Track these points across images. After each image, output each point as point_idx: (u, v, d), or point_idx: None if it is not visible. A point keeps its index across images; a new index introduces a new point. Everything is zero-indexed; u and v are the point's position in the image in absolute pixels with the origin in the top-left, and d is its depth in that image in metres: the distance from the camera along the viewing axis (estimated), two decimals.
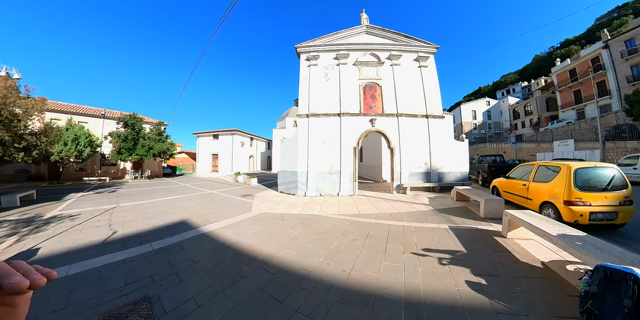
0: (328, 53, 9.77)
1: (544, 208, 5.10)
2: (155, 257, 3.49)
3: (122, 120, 17.51)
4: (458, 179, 9.68)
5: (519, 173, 6.36)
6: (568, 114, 26.31)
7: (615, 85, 21.18)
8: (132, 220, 5.59)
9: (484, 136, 36.44)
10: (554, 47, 54.93)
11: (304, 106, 9.30)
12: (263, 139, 32.89)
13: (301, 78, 9.57)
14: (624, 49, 20.45)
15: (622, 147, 13.78)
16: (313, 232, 4.49)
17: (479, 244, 3.88)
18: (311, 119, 9.15)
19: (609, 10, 48.77)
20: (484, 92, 62.01)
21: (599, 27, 40.09)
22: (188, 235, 4.38)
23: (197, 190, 10.85)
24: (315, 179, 8.83)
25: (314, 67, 9.60)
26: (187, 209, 6.65)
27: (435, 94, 10.03)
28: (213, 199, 8.44)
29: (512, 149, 21.03)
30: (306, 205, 7.05)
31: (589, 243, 2.79)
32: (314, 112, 9.19)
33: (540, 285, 2.67)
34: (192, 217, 5.75)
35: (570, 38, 51.23)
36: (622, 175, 4.57)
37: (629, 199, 4.39)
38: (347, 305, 2.27)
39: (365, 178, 14.38)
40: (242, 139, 26.93)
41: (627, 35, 20.46)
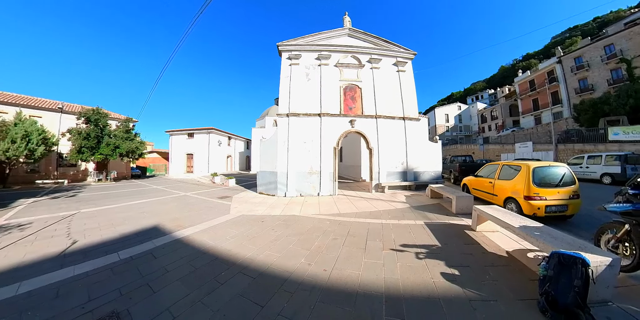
0: (310, 53, 9.75)
1: (507, 203, 5.57)
2: (124, 267, 3.19)
3: (83, 116, 15.60)
4: (432, 178, 10.23)
5: (486, 172, 6.87)
6: (527, 120, 29.44)
7: (566, 95, 24.50)
8: (96, 227, 5.07)
9: (455, 138, 39.08)
10: (517, 59, 60.80)
11: (285, 105, 9.20)
12: (241, 138, 31.64)
13: (282, 77, 9.44)
14: (574, 65, 23.96)
15: (571, 149, 15.51)
16: (294, 233, 4.44)
17: (452, 237, 4.13)
18: (291, 118, 9.06)
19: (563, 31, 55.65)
20: (456, 97, 66.84)
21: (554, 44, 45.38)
22: (160, 242, 4.07)
23: (170, 193, 10.21)
24: (296, 179, 8.76)
25: (296, 66, 9.54)
26: (159, 214, 6.21)
27: (411, 97, 10.54)
28: (188, 201, 7.98)
29: (480, 150, 23.08)
30: (286, 206, 6.97)
31: (545, 233, 3.11)
32: (294, 112, 9.12)
33: (506, 273, 2.93)
34: (165, 222, 5.37)
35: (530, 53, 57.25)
36: (571, 173, 5.17)
37: (577, 194, 4.99)
38: (329, 304, 2.28)
39: (345, 178, 14.60)
40: (219, 138, 25.55)
41: (576, 53, 24.02)
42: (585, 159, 11.99)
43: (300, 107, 9.22)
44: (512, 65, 58.49)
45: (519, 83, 31.73)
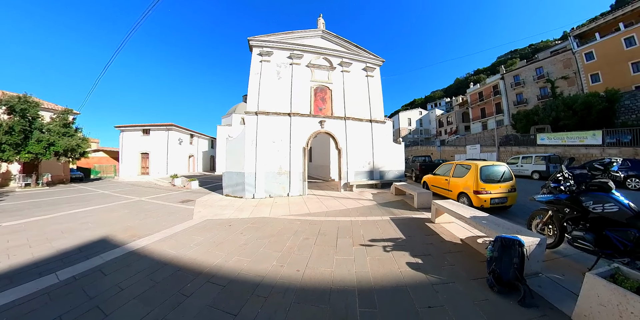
0: (282, 51, 9.56)
1: (460, 197, 6.25)
2: (65, 290, 2.66)
3: (5, 104, 12.22)
4: (396, 176, 10.91)
5: (442, 170, 7.59)
6: (476, 125, 33.97)
7: (507, 106, 29.08)
8: (24, 244, 4.15)
9: (416, 140, 42.76)
10: (469, 73, 69.45)
11: (253, 103, 8.86)
12: (205, 136, 29.02)
13: (252, 73, 9.07)
14: (513, 82, 28.39)
15: (509, 151, 18.21)
16: (264, 235, 4.32)
17: (415, 230, 4.47)
18: (260, 117, 8.79)
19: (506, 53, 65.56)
20: (417, 103, 73.25)
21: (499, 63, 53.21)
22: (110, 256, 3.54)
23: (120, 198, 8.97)
24: (264, 179, 8.52)
25: (266, 63, 9.26)
26: (108, 223, 5.43)
27: (378, 101, 11.15)
28: (143, 207, 7.14)
29: (438, 151, 25.54)
30: (255, 207, 6.75)
31: (490, 221, 3.59)
32: (263, 110, 8.85)
33: (461, 257, 3.31)
34: (116, 232, 4.72)
35: (480, 68, 66.48)
36: (509, 171, 6.09)
37: (514, 187, 5.87)
38: (305, 304, 2.28)
39: (314, 178, 14.71)
40: (180, 136, 23.02)
41: (515, 72, 28.66)
42: (520, 159, 14.30)
43: (269, 106, 8.99)
44: (465, 78, 66.95)
45: (470, 94, 36.23)
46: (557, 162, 12.58)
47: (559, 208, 3.31)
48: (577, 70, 22.31)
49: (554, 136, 15.72)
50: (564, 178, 3.32)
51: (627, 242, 2.56)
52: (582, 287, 2.02)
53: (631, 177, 8.88)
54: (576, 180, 3.23)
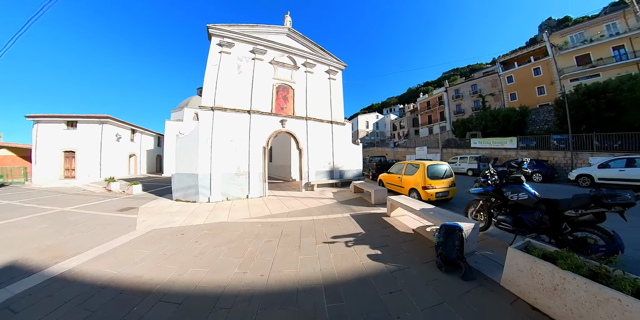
0: (244, 44, 9.02)
1: (411, 192, 6.94)
2: None
3: None
4: (355, 175, 11.44)
5: (395, 169, 8.27)
6: (424, 130, 39.25)
7: (449, 115, 33.99)
8: None
9: (373, 141, 46.21)
10: (420, 84, 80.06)
11: (209, 97, 8.13)
12: (151, 132, 24.59)
13: (209, 64, 8.29)
14: (454, 94, 33.62)
15: (450, 152, 21.18)
16: (222, 242, 4.03)
17: (373, 224, 4.77)
18: (217, 112, 8.12)
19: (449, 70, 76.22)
20: (375, 108, 79.95)
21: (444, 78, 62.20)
22: (23, 287, 2.74)
23: (36, 210, 7.08)
24: (221, 181, 7.94)
25: (227, 55, 8.59)
26: (18, 243, 4.24)
27: (339, 104, 11.52)
28: (68, 220, 5.82)
29: (391, 151, 28.49)
30: (211, 212, 6.26)
31: (436, 212, 4.08)
32: (220, 106, 8.19)
33: (414, 245, 3.69)
34: (30, 254, 3.72)
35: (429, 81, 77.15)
36: (450, 169, 7.06)
37: (454, 183, 6.84)
38: (272, 309, 2.22)
39: (275, 178, 14.40)
40: (118, 131, 18.81)
41: (456, 86, 34.11)
42: (458, 159, 16.93)
43: (227, 101, 8.38)
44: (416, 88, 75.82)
45: (420, 102, 41.26)
46: (485, 162, 15.25)
47: (487, 198, 4.00)
48: (501, 89, 27.98)
49: (483, 141, 19.13)
50: (491, 174, 4.00)
51: (534, 221, 3.28)
52: (506, 258, 2.53)
53: (535, 173, 11.59)
54: (499, 175, 3.91)
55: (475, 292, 2.45)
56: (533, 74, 24.57)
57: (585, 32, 20.89)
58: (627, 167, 8.85)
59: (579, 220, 2.94)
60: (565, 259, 2.05)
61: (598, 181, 9.51)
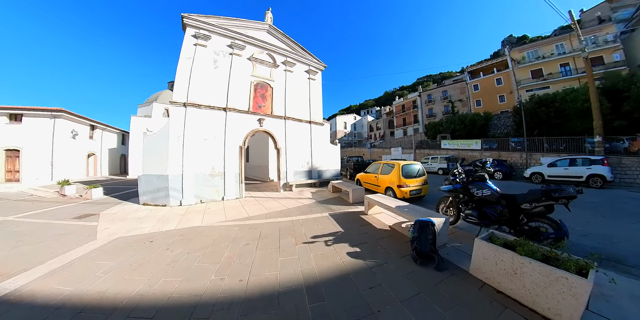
0: (222, 38, 8.56)
1: (387, 191, 7.21)
2: None
3: None
4: (333, 175, 11.58)
5: (372, 169, 8.53)
6: (399, 131, 41.43)
7: (422, 118, 36.17)
8: None
9: (351, 142, 47.47)
10: (396, 88, 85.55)
11: (182, 92, 7.57)
12: (114, 129, 21.88)
13: (182, 57, 7.70)
14: (427, 99, 36.07)
15: (423, 152, 22.53)
16: (197, 247, 3.80)
17: (351, 223, 4.87)
18: (190, 109, 7.60)
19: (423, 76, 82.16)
20: (353, 109, 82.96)
21: (418, 83, 66.23)
22: None
23: None
24: (194, 183, 7.48)
25: (202, 48, 8.07)
26: None
27: (318, 104, 11.54)
28: (11, 231, 4.99)
29: (368, 152, 29.89)
30: (183, 216, 5.89)
31: (411, 208, 4.29)
32: (194, 102, 7.69)
33: (391, 241, 3.84)
34: None
35: (404, 85, 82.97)
36: (423, 168, 7.48)
37: (426, 181, 7.26)
38: (252, 314, 2.16)
39: (252, 179, 14.01)
40: (74, 127, 16.36)
41: (428, 92, 36.74)
42: (430, 159, 18.16)
43: (202, 97, 7.90)
44: (392, 91, 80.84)
45: (395, 105, 43.40)
46: (454, 162, 16.60)
47: (456, 195, 4.34)
48: (468, 96, 30.66)
49: (452, 142, 20.84)
50: (459, 173, 4.34)
51: (496, 214, 3.65)
52: (473, 249, 2.77)
53: (497, 171, 12.94)
54: (466, 174, 4.27)
55: (447, 281, 2.65)
56: (495, 83, 27.66)
57: (539, 49, 24.06)
58: (570, 166, 10.39)
59: (533, 212, 3.34)
60: (522, 246, 2.32)
61: (548, 178, 10.93)
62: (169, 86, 25.95)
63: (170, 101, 7.47)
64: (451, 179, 4.43)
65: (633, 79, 13.14)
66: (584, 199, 6.65)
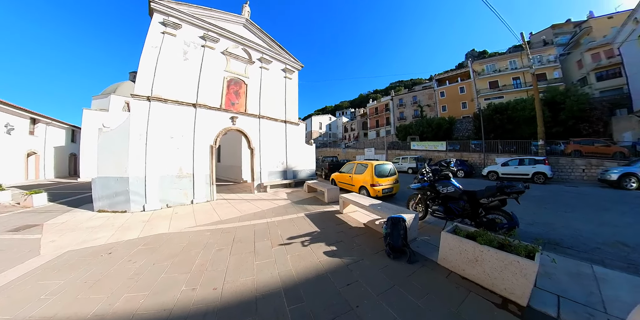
0: (194, 28, 7.95)
1: (361, 190, 7.43)
2: None
3: None
4: (308, 175, 11.59)
5: (346, 169, 8.72)
6: (372, 133, 43.16)
7: (393, 120, 38.42)
8: None
9: (326, 142, 48.19)
10: (370, 91, 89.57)
11: (146, 85, 6.87)
12: (61, 123, 18.51)
13: (148, 45, 6.97)
14: (398, 103, 38.56)
15: (394, 153, 23.85)
16: (163, 257, 3.50)
17: (327, 222, 4.92)
18: (155, 104, 6.94)
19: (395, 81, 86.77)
20: (328, 110, 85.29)
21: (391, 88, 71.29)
22: None
23: None
24: (159, 185, 6.89)
25: (171, 37, 7.40)
26: None
27: (294, 104, 11.42)
28: None
29: (343, 152, 30.75)
30: (147, 223, 5.41)
31: (383, 206, 4.48)
32: (159, 96, 7.03)
33: (365, 238, 3.97)
34: None
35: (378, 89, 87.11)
36: (394, 168, 7.86)
37: (397, 180, 7.62)
38: None
39: (224, 180, 13.40)
40: (8, 120, 13.68)
41: (400, 96, 39.32)
42: (400, 159, 19.36)
43: (169, 91, 7.27)
44: (367, 94, 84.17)
45: (369, 108, 45.24)
46: (422, 162, 17.91)
47: (424, 192, 4.66)
48: (435, 102, 33.67)
49: (420, 144, 22.53)
50: (426, 172, 4.68)
51: (459, 209, 4.00)
52: (440, 241, 3.01)
53: (459, 170, 14.32)
54: (433, 173, 4.62)
55: (419, 272, 2.85)
56: (459, 91, 30.92)
57: (496, 64, 27.61)
58: (519, 165, 12.05)
59: (490, 206, 3.74)
60: (482, 236, 2.62)
61: (501, 175, 12.54)
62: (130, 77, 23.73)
63: (132, 94, 6.74)
64: (420, 177, 4.74)
65: (568, 93, 15.85)
66: (530, 193, 7.56)
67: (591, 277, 2.63)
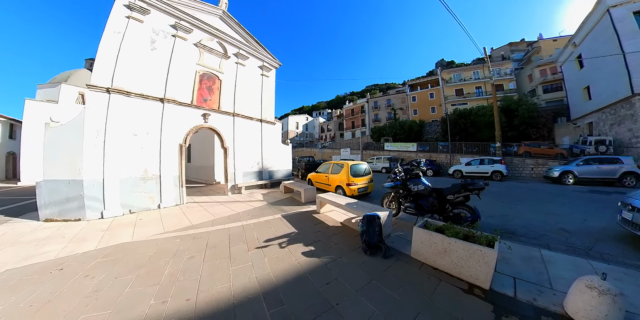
0: (165, 15, 7.27)
1: (337, 189, 7.57)
2: None
3: None
4: (285, 175, 11.45)
5: (323, 168, 8.80)
6: (348, 133, 44.72)
7: (368, 122, 39.78)
8: None
9: (302, 142, 48.33)
10: (346, 93, 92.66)
11: (105, 74, 6.10)
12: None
13: (109, 30, 6.17)
14: (373, 105, 40.20)
15: (369, 153, 24.98)
16: (127, 269, 3.16)
17: (305, 222, 4.93)
18: (116, 96, 6.20)
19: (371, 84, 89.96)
20: (305, 110, 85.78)
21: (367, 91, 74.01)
22: None
23: None
24: (120, 189, 6.21)
25: (137, 23, 6.65)
26: None
27: (270, 102, 11.16)
28: None
29: (319, 152, 31.52)
30: (107, 232, 4.87)
31: (359, 205, 4.62)
32: (121, 88, 6.27)
33: (343, 237, 4.06)
34: None
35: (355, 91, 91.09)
36: (369, 168, 8.15)
37: (372, 179, 7.92)
38: None
39: (195, 182, 12.63)
40: None
41: (375, 99, 41.08)
42: (375, 159, 20.40)
43: (132, 83, 6.55)
44: (344, 96, 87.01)
45: (345, 109, 46.47)
46: (395, 162, 19.18)
47: (397, 190, 4.91)
48: (407, 106, 36.09)
49: (393, 145, 24.22)
50: (399, 171, 4.95)
51: (429, 205, 4.31)
52: (412, 235, 3.21)
53: (428, 169, 15.86)
54: (405, 172, 4.89)
55: (394, 266, 3.00)
56: (429, 97, 33.71)
57: (462, 73, 30.94)
58: (480, 165, 13.59)
59: (455, 202, 4.09)
60: (449, 230, 2.88)
61: (465, 174, 13.96)
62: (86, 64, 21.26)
63: (88, 84, 5.93)
64: (393, 177, 5.00)
65: (520, 102, 18.66)
66: (489, 189, 8.33)
67: (540, 259, 3.06)
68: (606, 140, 12.88)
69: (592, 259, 3.10)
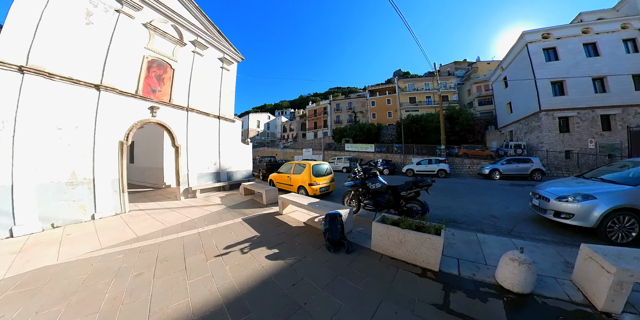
0: None
1: (299, 189, 7.58)
2: None
3: None
4: (245, 176, 10.94)
5: (285, 169, 8.70)
6: (310, 134, 45.46)
7: (330, 123, 41.83)
8: None
9: (264, 142, 47.04)
10: (310, 94, 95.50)
11: (17, 48, 4.73)
12: None
13: None
14: (335, 107, 42.42)
15: (330, 153, 25.95)
16: (53, 299, 2.50)
17: (267, 225, 4.81)
18: (33, 78, 4.87)
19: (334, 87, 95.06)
20: (268, 108, 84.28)
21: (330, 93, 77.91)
22: None
23: None
24: (38, 197, 4.95)
25: None
26: None
27: (230, 98, 10.47)
28: None
29: (281, 152, 31.44)
30: (19, 255, 3.82)
31: (321, 204, 4.73)
32: (41, 68, 4.94)
33: (306, 236, 4.11)
34: None
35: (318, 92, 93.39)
36: (330, 167, 8.36)
37: (333, 179, 8.17)
38: None
39: (139, 185, 11.06)
40: None
41: (337, 101, 43.36)
42: (336, 159, 21.96)
43: (57, 63, 5.23)
44: (307, 96, 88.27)
45: (308, 109, 47.51)
46: (355, 162, 20.45)
47: (356, 189, 5.21)
48: (367, 109, 39.01)
49: (354, 146, 26.06)
50: (358, 171, 5.25)
51: (385, 201, 4.68)
52: (372, 230, 3.45)
53: (385, 168, 17.50)
54: (364, 171, 5.22)
55: (357, 260, 3.18)
56: (387, 102, 37.29)
57: (415, 84, 35.74)
58: (428, 164, 15.73)
59: (408, 197, 4.54)
60: (403, 222, 3.20)
61: (416, 172, 15.85)
62: None
63: None
64: (353, 176, 5.29)
65: (461, 112, 22.51)
66: (436, 185, 9.35)
67: (476, 242, 3.70)
68: (522, 145, 16.99)
69: (513, 237, 3.91)
